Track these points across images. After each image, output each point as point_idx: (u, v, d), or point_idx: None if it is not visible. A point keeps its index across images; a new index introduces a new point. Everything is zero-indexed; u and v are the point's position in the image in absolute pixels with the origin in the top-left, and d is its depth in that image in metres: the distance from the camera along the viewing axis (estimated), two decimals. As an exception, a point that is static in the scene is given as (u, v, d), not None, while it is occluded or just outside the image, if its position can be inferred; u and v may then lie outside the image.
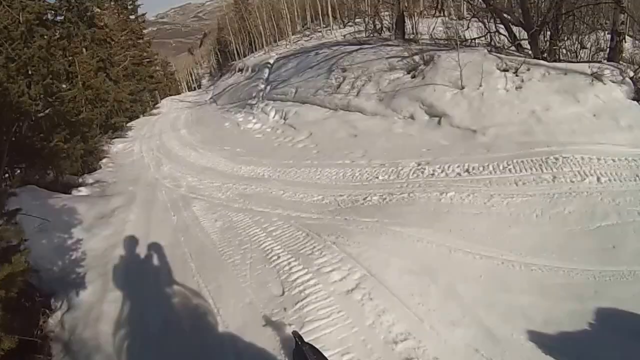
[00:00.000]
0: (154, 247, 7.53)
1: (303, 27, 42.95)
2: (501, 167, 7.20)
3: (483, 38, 13.11)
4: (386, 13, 22.25)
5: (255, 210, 8.07)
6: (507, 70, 10.12)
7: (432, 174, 7.64)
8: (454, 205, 6.37)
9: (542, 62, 10.23)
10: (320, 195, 8.03)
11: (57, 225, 8.52)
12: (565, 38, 11.01)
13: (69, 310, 6.22)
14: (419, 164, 8.15)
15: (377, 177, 8.16)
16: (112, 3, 34.82)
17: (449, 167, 7.69)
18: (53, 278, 6.88)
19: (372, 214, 6.62)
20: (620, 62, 9.89)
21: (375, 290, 4.86)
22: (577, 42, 11.02)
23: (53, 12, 21.24)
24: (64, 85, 15.30)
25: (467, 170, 7.39)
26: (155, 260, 7.13)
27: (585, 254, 4.96)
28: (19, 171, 11.78)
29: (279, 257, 6.04)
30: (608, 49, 10.37)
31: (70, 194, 11.84)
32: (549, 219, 5.69)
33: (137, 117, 30.05)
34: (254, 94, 22.01)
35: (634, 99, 8.48)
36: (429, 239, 5.61)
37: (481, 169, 7.33)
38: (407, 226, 5.95)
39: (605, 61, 10.00)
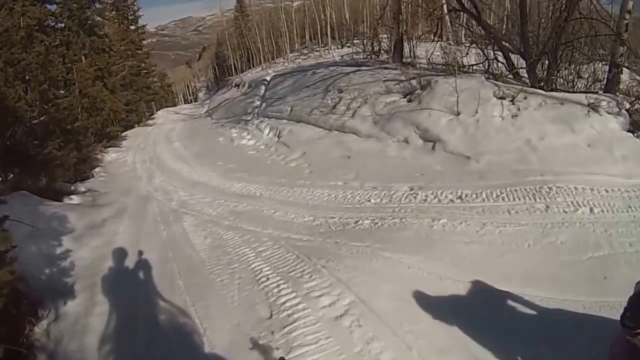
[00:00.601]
0: (143, 262, 7.50)
1: (301, 45, 43.24)
2: (494, 195, 7.20)
3: (481, 65, 13.17)
4: (384, 35, 22.39)
5: (246, 229, 8.02)
6: (504, 98, 10.15)
7: (425, 200, 7.62)
8: (446, 233, 6.34)
9: (539, 91, 10.26)
10: (311, 216, 7.98)
11: (47, 233, 8.46)
12: (563, 68, 11.07)
13: (56, 320, 6.18)
14: (411, 189, 8.14)
15: (370, 200, 8.14)
16: (113, 13, 34.97)
17: (442, 193, 7.67)
18: (41, 286, 6.83)
19: (363, 238, 6.59)
20: (617, 93, 9.96)
21: (364, 316, 4.83)
22: (574, 72, 11.07)
23: (54, 18, 21.33)
24: (62, 91, 15.30)
25: (460, 197, 7.38)
26: (144, 275, 7.08)
27: (577, 285, 4.94)
28: (11, 175, 11.72)
29: (268, 279, 6.00)
30: (605, 80, 10.43)
31: (61, 201, 11.78)
32: (541, 249, 5.68)
33: (133, 127, 29.94)
34: (249, 110, 22.05)
35: (629, 131, 8.53)
36: (420, 266, 5.58)
37: (474, 196, 7.32)
38: (398, 252, 5.93)
39: (602, 92, 10.07)
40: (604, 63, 11.02)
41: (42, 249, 7.89)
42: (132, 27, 38.75)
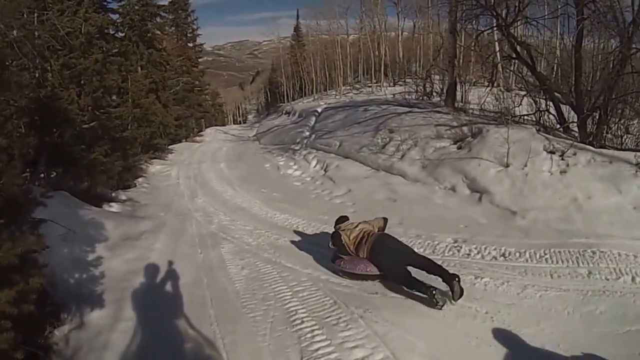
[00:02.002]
0: (176, 284, 7.50)
1: (354, 79, 43.51)
2: (537, 256, 7.07)
3: (532, 115, 13.12)
4: (437, 77, 22.45)
5: (285, 265, 7.93)
6: (553, 152, 10.09)
7: (468, 254, 7.53)
8: (487, 292, 6.24)
9: (588, 147, 10.18)
10: None
11: (81, 238, 8.50)
12: (612, 123, 10.96)
13: (78, 328, 6.13)
14: (455, 241, 8.05)
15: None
16: (173, 28, 35.94)
17: (485, 248, 7.57)
18: (68, 290, 6.80)
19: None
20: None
21: (397, 375, 4.73)
22: (623, 128, 10.95)
23: (114, 27, 22.08)
24: (115, 100, 15.69)
25: (504, 255, 7.28)
26: (175, 298, 7.04)
27: (612, 359, 4.74)
28: (54, 174, 12.04)
29: (302, 322, 5.87)
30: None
31: (101, 207, 11.91)
32: (580, 317, 5.51)
33: (180, 142, 30.64)
34: (297, 140, 22.29)
35: (677, 194, 8.33)
36: (458, 327, 5.48)
37: (517, 255, 7.21)
38: (438, 309, 5.82)
39: (651, 150, 9.91)
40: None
41: (74, 253, 7.95)
42: (190, 45, 39.91)
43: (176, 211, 12.55)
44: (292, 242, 9.20)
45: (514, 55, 13.58)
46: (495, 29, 15.15)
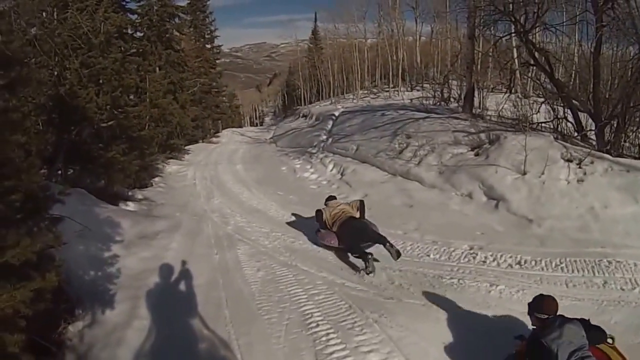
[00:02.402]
0: (191, 284, 7.55)
1: (371, 84, 43.42)
2: (553, 265, 7.11)
3: (550, 123, 13.09)
4: (454, 82, 22.42)
5: (301, 268, 7.97)
6: (571, 161, 10.09)
7: (484, 261, 7.56)
8: (502, 300, 6.27)
9: (606, 155, 10.16)
10: None
11: (97, 235, 8.56)
12: (630, 132, 10.93)
13: (92, 324, 6.21)
14: (471, 248, 8.10)
15: (429, 255, 8.08)
16: (191, 29, 36.04)
17: (501, 256, 7.59)
18: (82, 286, 6.88)
19: (419, 295, 6.55)
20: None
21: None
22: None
23: (133, 27, 22.30)
24: (130, 96, 15.81)
25: (519, 263, 7.30)
26: (190, 298, 7.10)
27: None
28: (71, 171, 12.12)
29: (317, 325, 5.92)
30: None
31: (117, 205, 12.01)
32: None
33: (197, 142, 30.76)
34: (314, 143, 22.31)
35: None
36: (472, 335, 5.47)
37: (533, 263, 7.23)
38: (453, 316, 5.85)
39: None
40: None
41: (90, 250, 8.00)
42: (208, 46, 39.91)
43: (192, 211, 12.62)
44: (308, 245, 9.25)
45: (532, 62, 13.58)
46: (513, 35, 15.14)
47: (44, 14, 11.73)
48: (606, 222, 8.31)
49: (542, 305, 4.54)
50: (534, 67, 14.25)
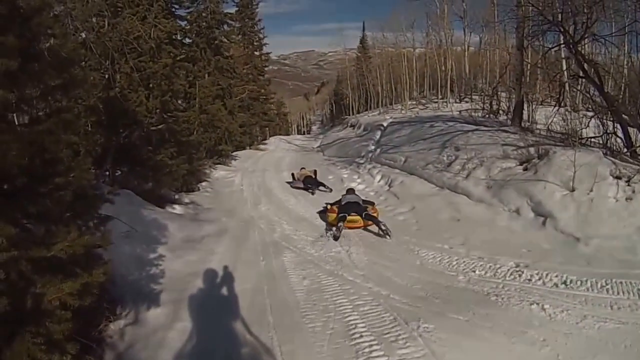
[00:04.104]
0: (236, 289, 7.72)
1: (420, 94, 43.34)
2: (599, 286, 7.00)
3: (599, 138, 12.94)
4: (503, 94, 22.28)
5: (346, 278, 8.06)
6: (620, 178, 9.92)
7: (529, 280, 7.50)
8: (546, 320, 6.22)
9: (656, 173, 9.95)
10: (414, 277, 7.95)
11: (143, 237, 8.86)
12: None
13: (133, 323, 6.40)
14: (517, 266, 8.06)
15: (474, 271, 8.07)
16: (240, 36, 36.47)
17: (547, 275, 7.52)
18: (125, 286, 7.06)
19: (464, 311, 6.54)
20: None
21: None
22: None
23: (182, 33, 22.61)
24: (179, 101, 16.20)
25: (565, 283, 7.23)
26: (234, 303, 7.24)
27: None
28: (119, 173, 12.52)
29: (361, 336, 5.97)
30: None
31: (163, 208, 12.31)
32: (637, 352, 5.39)
33: (244, 149, 31.19)
34: (362, 153, 22.56)
35: None
36: (517, 352, 5.51)
37: (579, 283, 7.16)
38: (496, 333, 5.88)
39: None
40: None
41: (135, 251, 8.26)
42: (257, 53, 40.11)
43: (239, 217, 12.93)
44: (355, 256, 9.34)
45: (582, 74, 13.46)
46: (562, 45, 15.03)
47: (94, 19, 12.14)
48: (654, 244, 8.17)
49: None
50: (583, 80, 14.12)
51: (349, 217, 10.97)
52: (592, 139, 12.91)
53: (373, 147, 23.05)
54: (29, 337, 3.89)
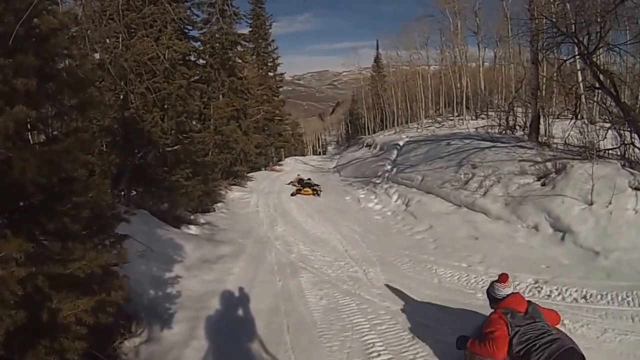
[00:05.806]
0: (253, 309, 7.72)
1: (435, 112, 43.38)
2: (619, 299, 6.90)
3: (617, 149, 12.86)
4: (519, 109, 22.24)
5: (364, 297, 8.02)
6: (639, 189, 9.85)
7: (549, 295, 7.43)
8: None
9: (675, 184, 9.82)
10: (433, 296, 7.86)
11: (159, 256, 8.95)
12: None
13: (148, 341, 6.42)
14: (536, 282, 7.97)
15: None
16: (254, 57, 36.82)
17: (566, 290, 7.44)
18: (141, 304, 7.08)
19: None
20: None
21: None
22: None
23: (196, 54, 23.06)
24: (194, 122, 16.35)
25: (585, 297, 7.14)
26: (251, 322, 7.25)
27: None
28: (134, 193, 12.61)
29: (379, 355, 5.94)
30: None
31: (179, 229, 12.34)
32: None
33: (259, 170, 31.48)
34: (379, 173, 22.66)
35: None
36: None
37: (599, 297, 7.06)
38: None
39: None
40: None
41: (151, 270, 8.35)
42: (271, 74, 40.54)
43: (256, 238, 12.99)
44: (373, 275, 9.31)
45: (597, 85, 13.37)
46: (577, 57, 15.00)
47: (108, 40, 12.39)
48: (675, 255, 8.06)
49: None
50: (599, 91, 14.06)
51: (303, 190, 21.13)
52: (610, 151, 12.78)
53: (389, 167, 23.18)
54: (43, 352, 3.92)
